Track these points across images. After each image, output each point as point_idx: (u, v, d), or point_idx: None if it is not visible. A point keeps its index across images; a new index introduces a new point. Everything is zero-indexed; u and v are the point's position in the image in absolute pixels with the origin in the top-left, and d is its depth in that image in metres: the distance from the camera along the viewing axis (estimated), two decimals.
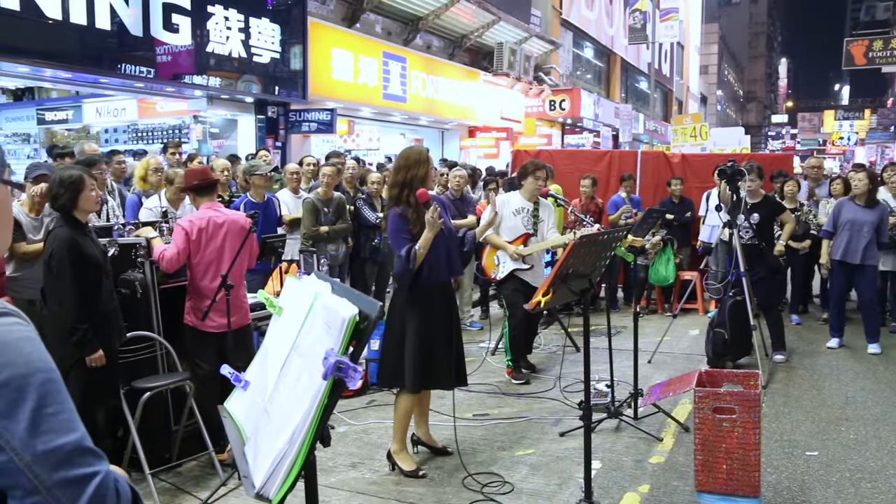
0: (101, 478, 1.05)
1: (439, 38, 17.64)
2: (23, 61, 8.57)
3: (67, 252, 3.76)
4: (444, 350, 4.22)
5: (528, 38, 19.98)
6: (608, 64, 30.05)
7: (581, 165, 9.96)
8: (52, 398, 1.04)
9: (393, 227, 4.13)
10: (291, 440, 1.42)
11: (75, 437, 1.05)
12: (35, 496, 1.01)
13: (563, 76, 23.88)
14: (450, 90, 17.13)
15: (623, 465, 4.39)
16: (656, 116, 31.93)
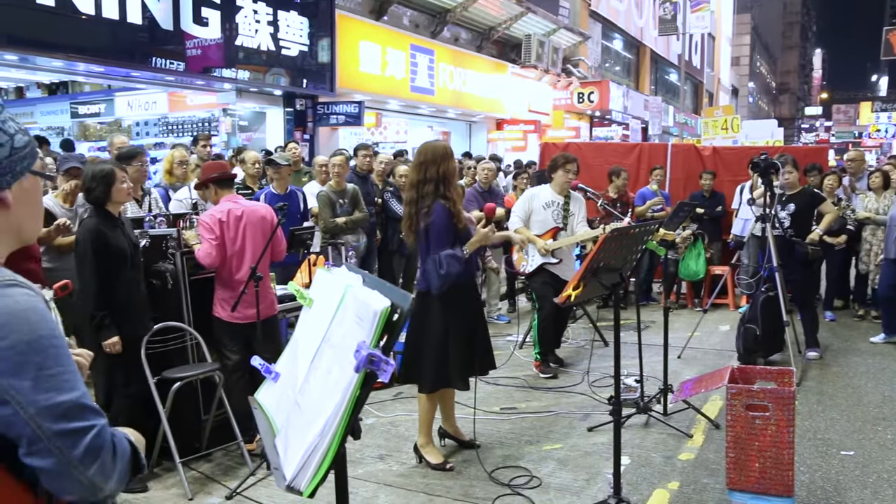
0: (97, 430, 1.19)
1: (467, 30, 17.57)
2: (57, 56, 8.69)
3: (91, 242, 3.92)
4: (464, 350, 4.18)
5: (556, 30, 19.82)
6: (637, 56, 29.72)
7: (610, 158, 9.86)
8: (53, 361, 1.18)
9: (442, 223, 4.03)
10: (323, 432, 1.41)
11: (74, 395, 1.18)
12: (38, 444, 1.16)
13: (592, 68, 23.67)
14: (477, 83, 17.07)
15: (652, 461, 4.35)
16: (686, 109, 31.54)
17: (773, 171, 6.11)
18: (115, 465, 1.20)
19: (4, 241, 1.32)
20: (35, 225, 1.39)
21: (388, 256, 7.39)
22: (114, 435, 1.22)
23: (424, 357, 4.13)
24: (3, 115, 1.28)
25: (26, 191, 1.32)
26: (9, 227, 1.31)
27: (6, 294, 1.19)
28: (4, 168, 1.26)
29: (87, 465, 1.17)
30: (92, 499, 1.22)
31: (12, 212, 1.30)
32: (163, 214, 4.84)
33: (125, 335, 3.99)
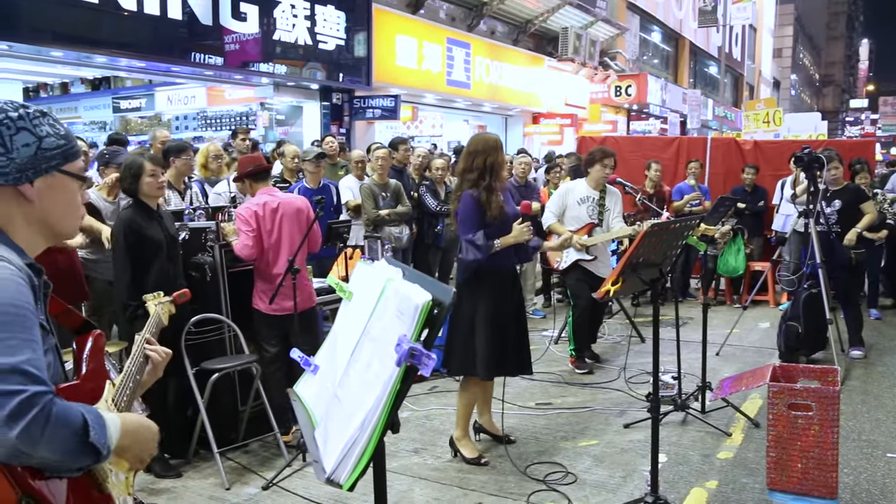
0: (28, 396, 1.22)
1: (503, 23, 17.48)
2: (101, 52, 8.86)
3: (124, 233, 3.99)
4: (514, 337, 4.20)
5: (593, 23, 19.61)
6: (676, 48, 29.26)
7: (648, 152, 9.73)
8: (4, 328, 1.26)
9: (466, 209, 4.06)
10: (363, 426, 1.41)
11: (14, 360, 1.24)
12: None
13: (630, 61, 23.37)
14: (514, 76, 16.97)
15: (690, 459, 4.29)
16: (726, 102, 30.99)
17: (817, 166, 5.96)
18: (43, 432, 1.22)
19: (33, 231, 1.47)
20: (69, 221, 1.52)
21: (425, 250, 7.39)
22: (54, 403, 1.25)
23: (453, 341, 4.16)
24: (40, 120, 1.44)
25: (52, 187, 1.45)
26: (34, 219, 1.46)
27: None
28: (26, 165, 1.41)
29: (10, 427, 1.20)
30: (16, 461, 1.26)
31: (36, 206, 1.44)
32: (202, 207, 4.90)
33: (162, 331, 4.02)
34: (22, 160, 1.40)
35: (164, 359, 1.82)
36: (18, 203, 1.43)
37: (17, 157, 1.40)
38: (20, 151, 1.40)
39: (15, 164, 1.40)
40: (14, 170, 1.40)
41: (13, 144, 1.39)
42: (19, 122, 1.41)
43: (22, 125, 1.41)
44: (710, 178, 9.70)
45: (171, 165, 5.36)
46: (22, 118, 1.41)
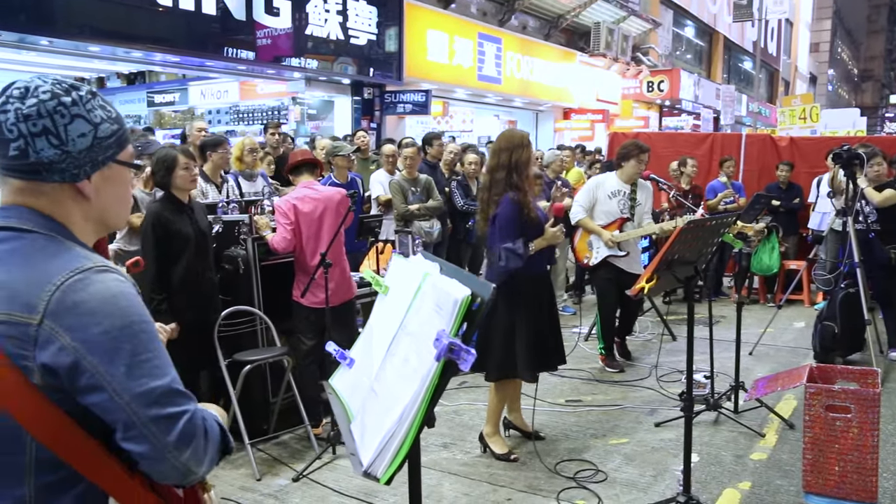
0: (190, 415, 1.20)
1: (535, 18, 17.38)
2: (136, 47, 8.97)
3: (152, 226, 4.00)
4: (551, 337, 4.20)
5: (626, 18, 19.41)
6: (710, 43, 28.85)
7: (681, 149, 9.60)
8: (144, 346, 1.19)
9: (507, 215, 4.01)
10: (400, 420, 1.41)
11: (166, 380, 1.20)
12: (133, 430, 1.17)
13: (662, 56, 23.09)
14: (545, 71, 16.87)
15: (722, 459, 4.23)
16: (760, 98, 30.48)
17: (857, 163, 5.83)
18: (206, 448, 1.21)
19: (90, 228, 1.34)
20: (121, 212, 1.39)
21: (455, 245, 7.38)
22: (204, 419, 1.23)
23: (491, 346, 4.11)
24: (92, 103, 1.27)
25: (109, 180, 1.31)
26: (92, 216, 1.32)
27: (99, 280, 1.19)
28: (83, 159, 1.26)
29: (181, 451, 1.17)
30: (185, 482, 1.24)
31: (93, 202, 1.31)
32: (235, 200, 4.94)
33: (190, 320, 4.06)
34: (78, 153, 1.25)
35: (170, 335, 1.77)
36: (76, 201, 1.29)
37: (72, 149, 1.24)
38: (76, 143, 1.24)
39: (71, 157, 1.24)
40: (71, 165, 1.25)
41: (68, 135, 1.23)
42: (73, 109, 1.24)
43: (76, 112, 1.24)
44: (744, 174, 9.55)
45: (207, 159, 5.42)
46: (75, 103, 1.24)
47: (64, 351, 1.14)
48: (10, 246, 1.22)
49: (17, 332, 1.15)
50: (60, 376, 1.15)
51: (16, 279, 1.18)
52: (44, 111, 1.21)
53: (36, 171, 1.24)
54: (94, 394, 1.16)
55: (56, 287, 1.17)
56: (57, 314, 1.15)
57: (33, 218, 1.25)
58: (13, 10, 7.37)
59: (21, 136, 1.21)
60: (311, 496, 3.83)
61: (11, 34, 7.92)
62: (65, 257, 1.21)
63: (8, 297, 1.17)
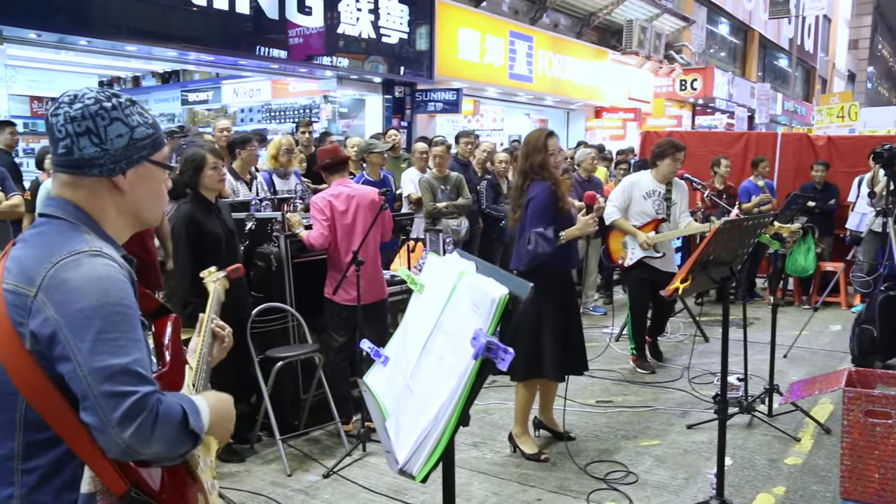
0: (140, 396, 1.26)
1: (567, 16, 17.27)
2: (171, 46, 9.09)
3: (185, 228, 3.99)
4: (558, 340, 4.14)
5: (659, 15, 19.19)
6: (745, 41, 28.42)
7: (715, 148, 9.48)
8: (114, 326, 1.29)
9: (541, 201, 4.01)
10: (436, 419, 1.41)
11: (125, 360, 1.28)
12: (87, 401, 1.26)
13: (696, 54, 22.80)
14: (576, 69, 16.76)
15: (756, 463, 4.17)
16: (796, 96, 29.95)
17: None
18: (153, 431, 1.26)
19: (124, 221, 1.50)
20: (156, 210, 1.56)
21: (488, 243, 7.37)
22: (160, 401, 1.29)
23: (517, 345, 4.09)
24: (130, 109, 1.46)
25: (143, 177, 1.48)
26: (125, 209, 1.49)
27: (88, 262, 1.33)
28: (119, 156, 1.43)
29: (123, 428, 1.24)
30: (128, 459, 1.30)
31: (127, 196, 1.47)
32: (268, 198, 4.99)
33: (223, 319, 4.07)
34: (115, 151, 1.42)
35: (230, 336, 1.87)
36: (111, 194, 1.45)
37: (110, 147, 1.42)
38: (114, 142, 1.42)
39: (109, 155, 1.42)
40: (108, 161, 1.42)
41: (107, 135, 1.41)
42: (113, 113, 1.42)
43: (115, 115, 1.42)
44: (779, 174, 9.40)
45: (237, 157, 5.48)
46: (115, 108, 1.43)
47: (47, 322, 1.28)
48: (39, 230, 1.42)
49: (20, 301, 1.31)
50: (41, 344, 1.29)
51: (30, 256, 1.35)
52: (87, 114, 1.40)
53: (78, 167, 1.42)
54: (63, 363, 1.28)
55: (53, 265, 1.32)
56: (48, 289, 1.30)
57: (67, 208, 1.43)
58: (53, 11, 7.51)
59: (68, 135, 1.40)
60: (342, 492, 3.85)
61: (52, 35, 8.08)
62: (71, 241, 1.36)
63: (20, 271, 1.33)
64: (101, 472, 1.32)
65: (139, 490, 1.35)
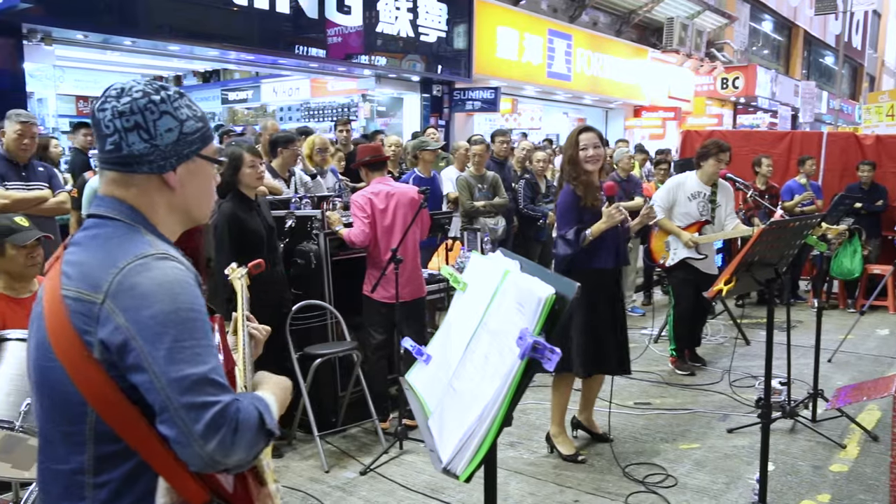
0: (221, 407, 1.20)
1: (606, 13, 17.11)
2: (212, 45, 9.22)
3: (227, 225, 4.05)
4: (610, 336, 4.11)
5: (700, 13, 18.90)
6: (789, 38, 27.83)
7: (757, 147, 9.29)
8: (189, 333, 1.22)
9: (562, 203, 4.09)
10: (481, 418, 1.40)
11: (203, 369, 1.22)
12: (166, 413, 1.20)
13: (738, 52, 22.41)
14: (616, 68, 16.60)
15: (799, 469, 4.08)
16: (843, 94, 29.26)
17: None
18: (234, 441, 1.21)
19: (175, 219, 1.43)
20: (204, 205, 1.48)
21: (525, 243, 7.34)
22: (238, 409, 1.23)
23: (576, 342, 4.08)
24: (179, 102, 1.38)
25: (193, 173, 1.41)
26: (176, 206, 1.42)
27: (157, 266, 1.27)
28: (169, 152, 1.36)
29: (206, 440, 1.18)
30: (210, 471, 1.25)
31: (178, 193, 1.40)
32: (308, 196, 5.02)
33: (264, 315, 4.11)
34: (165, 146, 1.35)
35: (265, 336, 1.81)
36: (161, 192, 1.38)
37: (160, 143, 1.34)
38: (164, 137, 1.34)
39: (159, 150, 1.35)
40: (158, 157, 1.35)
41: (157, 130, 1.34)
42: (162, 106, 1.34)
43: (164, 109, 1.35)
44: (824, 174, 9.18)
45: (278, 155, 5.53)
46: (164, 101, 1.35)
47: (118, 330, 1.22)
48: (94, 232, 1.34)
49: (85, 308, 1.25)
50: (113, 353, 1.23)
51: (91, 261, 1.29)
52: (136, 108, 1.33)
53: (128, 164, 1.35)
54: (138, 373, 1.21)
55: (119, 270, 1.25)
56: (116, 295, 1.23)
57: (120, 208, 1.36)
58: (98, 13, 7.67)
59: (116, 131, 1.33)
60: (378, 490, 3.87)
61: (97, 35, 8.27)
62: (134, 244, 1.30)
63: (82, 277, 1.27)
64: (180, 484, 1.27)
65: (220, 498, 1.31)
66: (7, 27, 7.28)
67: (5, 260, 3.06)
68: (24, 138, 4.59)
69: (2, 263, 3.08)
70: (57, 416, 1.31)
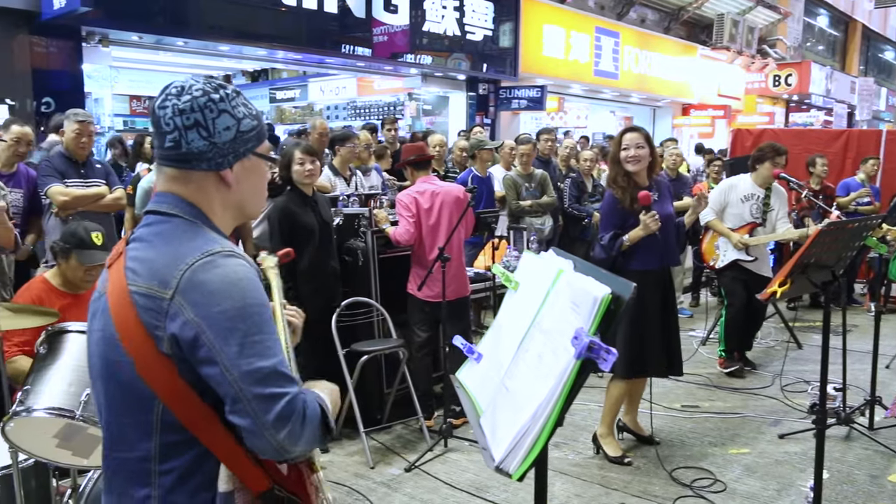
0: (290, 398, 1.27)
1: (654, 10, 16.87)
2: (261, 45, 9.37)
3: (278, 218, 4.21)
4: (656, 338, 4.04)
5: (752, 8, 18.49)
6: (846, 32, 27.04)
7: (811, 146, 9.04)
8: (258, 328, 1.28)
9: (605, 208, 4.09)
10: (534, 417, 1.40)
11: (273, 361, 1.28)
12: (238, 405, 1.26)
13: (791, 48, 21.86)
14: (664, 66, 16.36)
15: (855, 479, 3.96)
16: None
17: None
18: (302, 431, 1.27)
19: (229, 215, 1.47)
20: (257, 202, 1.52)
21: (569, 242, 7.29)
22: (305, 402, 1.29)
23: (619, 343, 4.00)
24: (236, 100, 1.41)
25: (248, 170, 1.44)
26: (231, 202, 1.45)
27: (224, 264, 1.31)
28: (227, 150, 1.39)
29: (277, 430, 1.24)
30: (279, 459, 1.31)
31: (233, 190, 1.43)
32: (356, 194, 5.07)
33: (315, 306, 4.19)
34: (223, 144, 1.38)
35: (301, 320, 1.83)
36: (218, 188, 1.42)
37: (219, 140, 1.37)
38: (222, 135, 1.37)
39: (217, 148, 1.38)
40: (217, 154, 1.38)
41: (216, 128, 1.37)
42: (221, 105, 1.37)
43: (223, 107, 1.37)
44: (883, 174, 8.87)
45: (336, 153, 5.59)
46: (223, 100, 1.38)
47: (188, 325, 1.26)
48: (157, 228, 1.38)
49: (153, 304, 1.29)
50: (183, 347, 1.28)
51: (157, 258, 1.33)
52: (196, 106, 1.36)
53: (186, 161, 1.38)
54: (209, 366, 1.26)
55: (188, 266, 1.29)
56: (185, 291, 1.28)
57: (180, 204, 1.39)
58: (152, 14, 7.86)
59: (176, 128, 1.36)
60: (423, 487, 3.88)
61: (151, 36, 8.48)
62: (199, 240, 1.34)
63: (150, 273, 1.31)
64: (243, 471, 1.33)
65: (281, 486, 1.37)
66: (68, 30, 7.51)
67: (67, 266, 3.20)
68: (82, 137, 4.72)
69: (64, 268, 3.22)
70: (125, 406, 1.36)
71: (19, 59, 7.26)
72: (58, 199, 4.52)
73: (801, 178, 7.83)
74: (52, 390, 2.37)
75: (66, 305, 3.15)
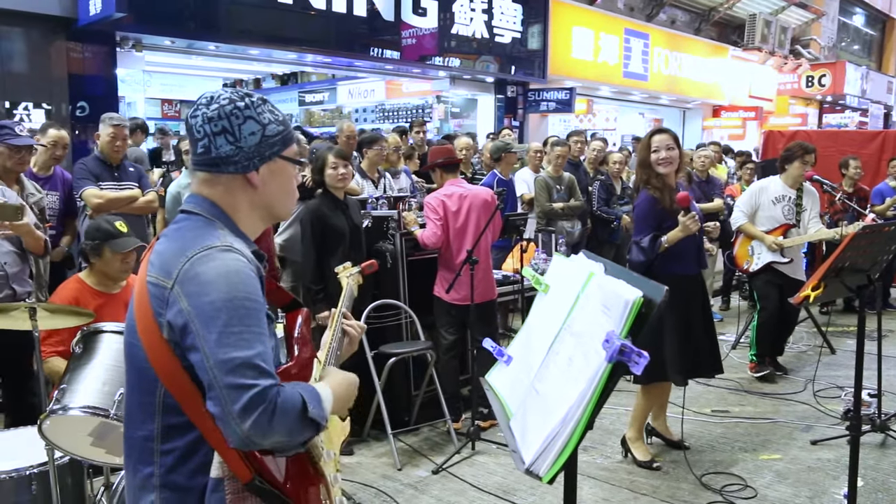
0: (259, 390, 1.30)
1: (685, 11, 16.70)
2: (291, 49, 9.45)
3: (310, 221, 4.26)
4: (703, 339, 4.04)
5: (785, 8, 18.21)
6: (882, 31, 26.48)
7: (845, 147, 8.88)
8: (238, 320, 1.33)
9: (641, 211, 4.01)
10: (565, 420, 1.40)
11: (248, 353, 1.32)
12: (212, 392, 1.32)
13: (825, 48, 21.50)
14: (694, 67, 16.18)
15: (890, 486, 3.89)
16: None
17: None
18: (271, 423, 1.30)
19: (257, 215, 1.56)
20: (286, 203, 1.60)
21: (598, 245, 7.26)
22: (279, 395, 1.32)
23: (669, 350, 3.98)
24: (262, 108, 1.50)
25: (275, 173, 1.53)
26: (258, 203, 1.54)
27: (219, 257, 1.39)
28: (253, 153, 1.48)
29: (242, 419, 1.28)
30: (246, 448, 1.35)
31: (259, 191, 1.52)
32: (384, 197, 5.10)
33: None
34: (249, 148, 1.48)
35: (360, 333, 1.91)
36: (244, 190, 1.51)
37: (244, 145, 1.47)
38: (247, 140, 1.47)
39: (243, 152, 1.48)
40: (243, 158, 1.48)
41: (241, 133, 1.47)
42: (246, 112, 1.47)
43: (248, 114, 1.48)
44: None
45: (364, 156, 5.62)
46: (248, 107, 1.48)
47: (181, 313, 1.35)
48: (178, 225, 1.50)
49: (159, 292, 1.39)
50: (177, 334, 1.36)
51: (168, 250, 1.43)
52: (223, 114, 1.47)
53: (215, 165, 1.49)
54: (193, 353, 1.34)
55: (188, 259, 1.38)
56: (183, 281, 1.37)
57: (204, 204, 1.50)
58: (184, 19, 7.97)
59: (206, 135, 1.47)
60: (450, 489, 3.89)
61: (182, 41, 8.60)
62: (205, 236, 1.43)
63: (160, 264, 1.42)
64: (229, 459, 1.39)
65: (263, 479, 1.41)
66: (103, 36, 7.64)
67: (102, 262, 3.24)
68: (116, 140, 4.80)
69: (99, 264, 3.27)
70: (137, 388, 1.47)
71: (56, 64, 7.40)
72: (92, 202, 4.61)
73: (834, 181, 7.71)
74: (88, 389, 2.42)
75: (101, 305, 3.20)
